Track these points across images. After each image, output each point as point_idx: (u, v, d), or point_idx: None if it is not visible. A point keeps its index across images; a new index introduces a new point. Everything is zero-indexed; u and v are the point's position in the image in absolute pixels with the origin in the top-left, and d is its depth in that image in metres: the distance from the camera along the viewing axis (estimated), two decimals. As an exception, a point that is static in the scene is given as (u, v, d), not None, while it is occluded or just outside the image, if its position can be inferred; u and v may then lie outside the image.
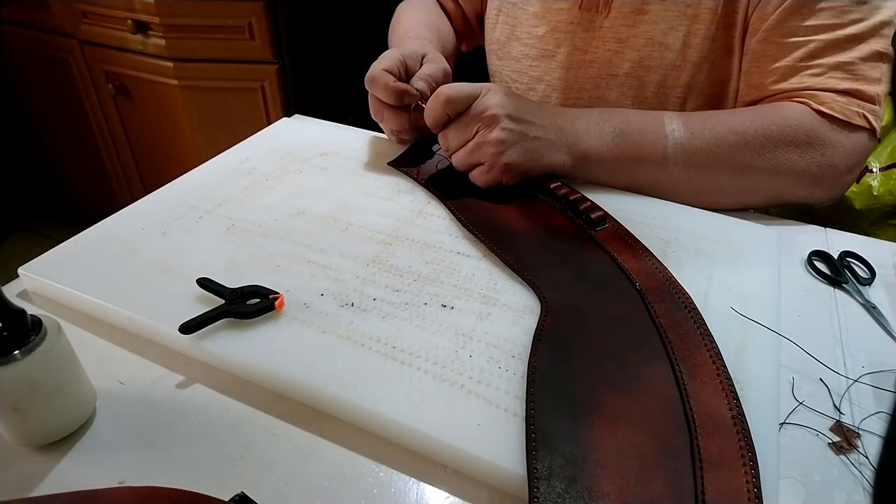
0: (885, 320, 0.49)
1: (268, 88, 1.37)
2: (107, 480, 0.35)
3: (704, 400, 0.37)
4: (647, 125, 0.58)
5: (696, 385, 0.39)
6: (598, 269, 0.49)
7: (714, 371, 0.40)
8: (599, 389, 0.38)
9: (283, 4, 1.28)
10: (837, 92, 0.57)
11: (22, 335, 0.35)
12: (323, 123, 0.77)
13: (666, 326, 0.43)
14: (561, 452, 0.34)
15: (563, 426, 0.36)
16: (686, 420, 0.36)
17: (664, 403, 0.38)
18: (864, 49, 0.57)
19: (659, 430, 0.36)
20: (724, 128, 0.57)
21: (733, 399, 0.37)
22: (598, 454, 0.34)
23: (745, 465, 0.34)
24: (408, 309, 0.46)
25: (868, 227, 0.98)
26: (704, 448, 0.35)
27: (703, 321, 0.44)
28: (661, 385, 0.39)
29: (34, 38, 1.51)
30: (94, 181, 1.72)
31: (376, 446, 0.38)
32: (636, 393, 0.38)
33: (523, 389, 0.39)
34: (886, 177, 0.96)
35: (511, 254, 0.51)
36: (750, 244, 0.54)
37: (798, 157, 0.57)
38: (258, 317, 0.44)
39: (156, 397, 0.41)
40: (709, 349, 0.41)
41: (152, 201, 0.59)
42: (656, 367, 0.40)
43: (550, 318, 0.44)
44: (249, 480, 0.36)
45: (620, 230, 0.54)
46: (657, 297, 0.46)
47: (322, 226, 0.55)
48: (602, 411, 0.37)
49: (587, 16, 0.69)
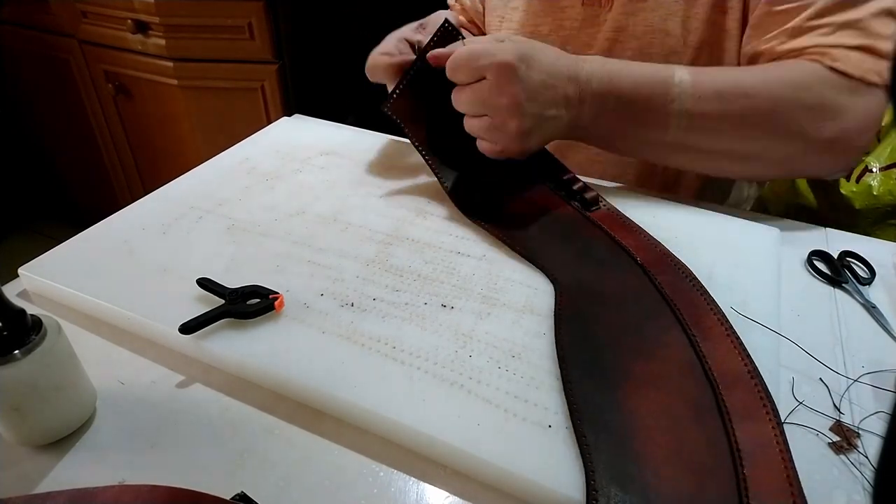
0: (884, 320, 0.49)
1: (268, 88, 1.37)
2: (107, 480, 0.35)
3: (720, 358, 0.40)
4: (654, 87, 0.55)
5: (710, 345, 0.41)
6: (600, 248, 0.51)
7: (724, 332, 0.42)
8: (625, 359, 0.41)
9: (283, 4, 1.28)
10: (850, 48, 0.55)
11: (22, 335, 0.35)
12: (323, 123, 0.77)
13: (672, 296, 0.45)
14: (604, 422, 0.36)
15: (601, 396, 0.38)
16: (707, 378, 0.39)
17: (685, 365, 0.40)
18: (871, 6, 0.55)
19: (685, 389, 0.38)
20: (734, 90, 0.55)
21: (746, 356, 0.40)
22: (636, 418, 0.37)
23: (767, 413, 0.36)
24: (408, 309, 0.46)
25: (868, 227, 0.97)
26: (729, 401, 0.37)
27: (704, 289, 0.46)
28: (679, 349, 0.41)
29: (34, 38, 1.51)
30: (94, 181, 1.72)
31: (376, 446, 0.38)
32: (659, 359, 0.41)
33: (523, 389, 0.39)
34: (886, 177, 0.96)
35: (517, 241, 0.52)
36: (750, 244, 0.54)
37: (809, 122, 0.54)
38: (258, 317, 0.44)
39: (156, 397, 0.41)
40: (715, 313, 0.44)
41: (152, 201, 0.59)
42: (671, 334, 0.43)
43: (566, 297, 0.46)
44: (249, 480, 0.36)
45: (612, 210, 0.55)
46: (659, 270, 0.48)
47: (322, 226, 0.55)
48: (632, 378, 0.39)
49: (591, 11, 0.69)
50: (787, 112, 0.54)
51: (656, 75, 0.56)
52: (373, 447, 0.38)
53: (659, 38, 0.66)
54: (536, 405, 0.38)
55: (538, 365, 0.41)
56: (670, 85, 0.55)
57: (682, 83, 0.55)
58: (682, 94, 0.55)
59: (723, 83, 0.55)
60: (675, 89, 0.55)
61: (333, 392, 0.39)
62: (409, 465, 0.37)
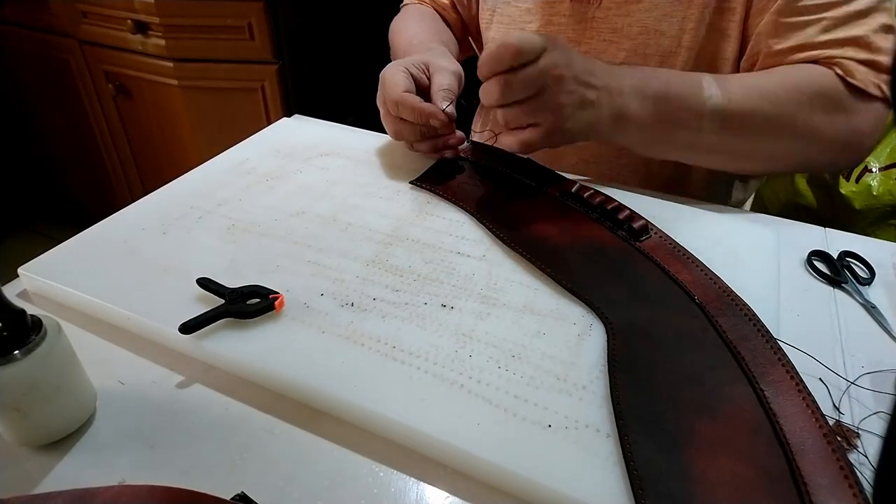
0: (884, 320, 0.49)
1: (268, 88, 1.37)
2: (107, 480, 0.35)
3: (793, 418, 0.36)
4: (687, 90, 0.57)
5: (781, 403, 0.37)
6: (653, 284, 0.47)
7: (795, 387, 0.38)
8: (688, 416, 0.36)
9: (283, 4, 1.28)
10: (858, 62, 0.58)
11: (22, 335, 0.35)
12: (323, 123, 0.77)
13: (735, 342, 0.41)
14: (668, 492, 0.32)
15: (664, 461, 0.34)
16: (779, 442, 0.35)
17: (754, 426, 0.36)
18: (871, 23, 0.58)
19: (755, 455, 0.34)
20: (761, 95, 0.57)
21: (821, 415, 0.36)
22: (703, 488, 0.33)
23: (850, 486, 0.32)
24: (408, 309, 0.46)
25: (868, 227, 0.98)
26: (805, 470, 0.33)
27: (769, 333, 0.42)
28: (747, 406, 0.37)
29: (34, 38, 1.51)
30: (94, 181, 1.72)
31: (376, 446, 0.38)
32: (724, 417, 0.36)
33: (523, 389, 0.39)
34: (886, 177, 0.96)
35: (563, 273, 0.48)
36: (750, 244, 0.54)
37: (828, 124, 0.58)
38: (258, 317, 0.44)
39: (156, 397, 0.41)
40: (783, 364, 0.39)
41: (152, 201, 0.59)
42: (736, 387, 0.38)
43: (619, 341, 0.42)
44: (249, 480, 0.36)
45: (665, 239, 0.51)
46: (718, 311, 0.44)
47: (322, 226, 0.55)
48: (697, 440, 0.35)
49: (579, 7, 0.69)
50: (808, 115, 0.57)
51: (687, 77, 0.58)
52: (373, 447, 0.38)
53: (654, 39, 0.66)
54: (536, 405, 0.38)
55: (538, 365, 0.41)
56: (702, 87, 0.57)
57: (711, 86, 0.57)
58: (713, 96, 0.57)
59: (749, 87, 0.58)
60: (706, 91, 0.57)
61: (333, 392, 0.39)
62: (409, 465, 0.37)
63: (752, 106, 0.57)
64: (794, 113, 0.57)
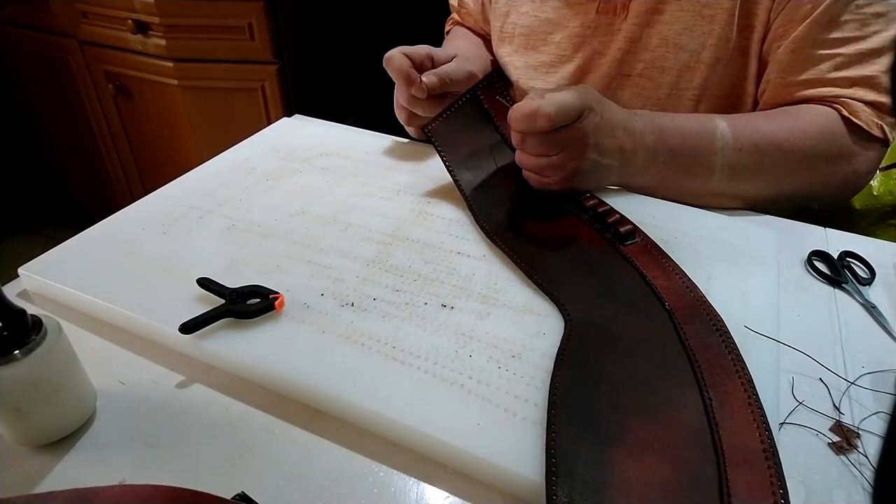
0: (884, 320, 0.49)
1: (268, 88, 1.37)
2: (107, 480, 0.35)
3: (734, 430, 0.36)
4: (701, 144, 0.58)
5: (726, 413, 0.37)
6: (626, 287, 0.47)
7: (745, 400, 0.37)
8: (625, 416, 0.37)
9: (283, 4, 1.28)
10: (865, 103, 0.59)
11: (22, 335, 0.35)
12: (323, 123, 0.77)
13: (696, 349, 0.41)
14: (582, 479, 0.33)
15: (586, 452, 0.34)
16: (714, 451, 0.35)
17: (692, 432, 0.36)
18: (884, 62, 0.58)
19: (686, 460, 0.34)
20: (770, 144, 0.58)
21: (765, 431, 0.35)
22: (620, 483, 0.33)
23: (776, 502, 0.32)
24: (408, 309, 0.46)
25: (868, 227, 0.97)
26: (733, 482, 0.33)
27: (734, 345, 0.41)
28: (690, 413, 0.37)
29: (34, 38, 1.51)
30: (94, 181, 1.72)
31: (376, 446, 0.38)
32: (663, 420, 0.36)
33: (523, 389, 0.39)
34: (886, 177, 0.96)
35: (535, 269, 0.49)
36: (750, 244, 0.54)
37: (831, 170, 0.60)
38: (258, 317, 0.44)
39: (156, 397, 0.41)
40: (740, 376, 0.39)
41: (152, 201, 0.59)
42: (684, 394, 0.38)
43: (574, 338, 0.43)
44: (250, 480, 0.36)
45: (650, 245, 0.52)
46: (686, 318, 0.44)
47: (322, 226, 0.55)
48: (627, 439, 0.35)
49: (605, 19, 0.68)
50: (813, 161, 0.59)
51: (702, 128, 0.59)
52: (373, 447, 0.38)
53: (672, 53, 0.66)
54: (537, 405, 0.38)
55: (538, 365, 0.41)
56: (714, 138, 0.58)
57: (724, 136, 0.58)
58: (725, 147, 0.58)
59: (759, 136, 0.59)
60: (719, 143, 0.58)
61: (333, 392, 0.39)
62: (409, 465, 0.37)
63: (761, 158, 0.58)
64: (801, 161, 0.59)
